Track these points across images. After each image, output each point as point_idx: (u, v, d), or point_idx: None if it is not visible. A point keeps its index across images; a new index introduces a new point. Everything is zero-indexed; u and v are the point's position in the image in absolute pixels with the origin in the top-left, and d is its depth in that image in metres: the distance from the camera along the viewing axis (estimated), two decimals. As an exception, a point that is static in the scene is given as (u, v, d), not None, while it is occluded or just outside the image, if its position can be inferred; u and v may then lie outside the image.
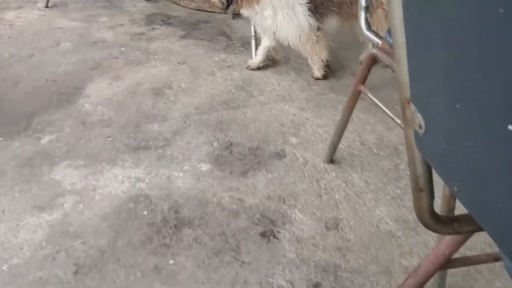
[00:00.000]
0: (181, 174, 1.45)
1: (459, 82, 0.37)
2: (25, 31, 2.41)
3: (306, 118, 1.75)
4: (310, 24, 1.84)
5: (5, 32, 2.40)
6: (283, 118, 1.75)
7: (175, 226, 1.25)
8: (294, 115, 1.77)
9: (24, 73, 2.02)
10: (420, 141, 0.49)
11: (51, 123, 1.69)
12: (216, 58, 2.18)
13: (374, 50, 1.12)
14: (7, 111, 1.76)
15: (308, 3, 1.81)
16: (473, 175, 0.41)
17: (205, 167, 1.48)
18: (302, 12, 1.82)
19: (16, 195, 1.35)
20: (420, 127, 0.47)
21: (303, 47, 1.91)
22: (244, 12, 1.89)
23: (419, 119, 0.47)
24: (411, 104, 0.48)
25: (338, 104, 1.83)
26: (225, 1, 1.86)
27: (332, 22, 1.90)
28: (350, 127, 1.61)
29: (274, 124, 1.71)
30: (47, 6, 2.73)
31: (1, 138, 1.60)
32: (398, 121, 1.16)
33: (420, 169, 0.51)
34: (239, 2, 1.84)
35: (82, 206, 1.32)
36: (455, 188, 0.45)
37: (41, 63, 2.09)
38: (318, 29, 1.89)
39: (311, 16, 1.83)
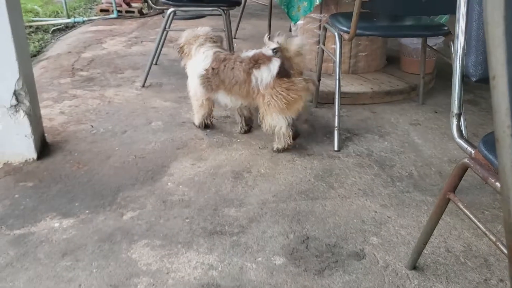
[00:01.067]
0: (254, 266, 1.41)
1: None
2: (121, 108, 2.60)
3: (388, 217, 1.66)
4: (201, 92, 2.23)
5: (103, 108, 2.60)
6: (364, 215, 1.68)
7: (244, 323, 1.20)
8: (375, 212, 1.70)
9: (116, 148, 2.14)
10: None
11: (135, 199, 1.75)
12: (297, 146, 2.19)
13: (466, 160, 1.06)
14: (96, 184, 1.85)
15: (202, 76, 2.17)
16: None
17: (279, 260, 1.44)
18: (197, 83, 2.22)
19: (94, 270, 1.38)
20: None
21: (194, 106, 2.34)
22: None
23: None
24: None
25: (423, 204, 1.74)
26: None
27: (221, 94, 2.17)
28: (435, 230, 1.51)
29: (354, 220, 1.64)
30: (143, 86, 2.95)
31: (87, 211, 1.68)
32: (486, 231, 1.06)
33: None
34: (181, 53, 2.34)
35: (154, 289, 1.31)
36: None
37: (132, 140, 2.22)
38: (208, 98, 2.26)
39: (202, 86, 2.20)
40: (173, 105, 2.67)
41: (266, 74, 1.97)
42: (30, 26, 4.77)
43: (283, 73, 1.96)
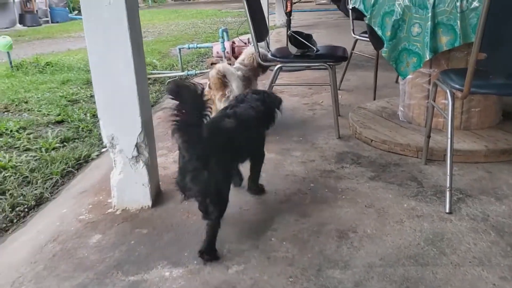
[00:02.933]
0: (360, 335, 1.35)
1: None
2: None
3: (510, 293, 1.51)
4: None
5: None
6: (481, 287, 1.54)
7: None
8: (494, 285, 1.55)
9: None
10: None
11: (240, 252, 1.79)
12: (405, 205, 2.10)
13: None
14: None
15: None
16: None
17: (387, 332, 1.36)
18: None
19: (200, 324, 1.42)
20: None
21: None
22: None
23: None
24: None
25: (552, 281, 1.56)
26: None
27: None
28: None
29: (470, 293, 1.52)
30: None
31: (195, 261, 1.74)
32: None
33: None
34: None
35: None
36: None
37: (238, 191, 2.28)
38: None
39: None
40: (277, 157, 2.72)
41: None
42: (149, 78, 5.22)
43: None
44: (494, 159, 2.50)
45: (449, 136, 2.07)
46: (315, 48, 2.97)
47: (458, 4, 2.30)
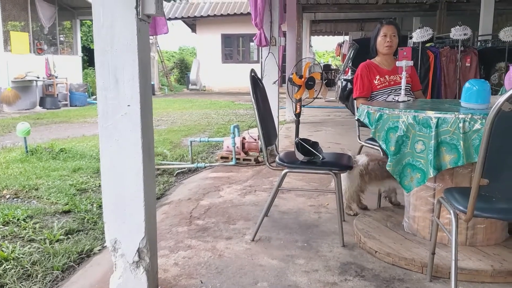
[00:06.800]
0: None
1: None
2: (230, 264, 2.68)
3: None
4: None
5: (214, 262, 2.70)
6: None
7: None
8: None
9: (222, 310, 2.17)
10: None
11: None
12: (409, 328, 2.03)
13: None
14: None
15: None
16: None
17: None
18: None
19: None
20: None
21: None
22: None
23: None
24: None
25: None
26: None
27: None
28: None
29: None
30: (253, 240, 3.04)
31: None
32: None
33: None
34: None
35: None
36: None
37: (238, 302, 2.24)
38: None
39: None
40: (280, 264, 2.69)
41: None
42: (158, 169, 5.32)
43: None
44: (501, 280, 2.45)
45: (453, 257, 2.05)
46: (321, 156, 3.05)
47: (460, 125, 2.39)
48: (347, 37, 22.21)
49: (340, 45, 18.03)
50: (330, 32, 25.33)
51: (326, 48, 39.32)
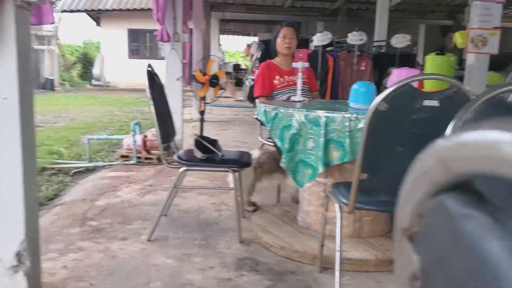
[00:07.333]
0: None
1: None
2: (124, 264, 2.60)
3: None
4: None
5: (106, 264, 2.60)
6: None
7: None
8: None
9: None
10: None
11: None
12: (296, 319, 2.11)
13: None
14: None
15: None
16: None
17: None
18: None
19: None
20: None
21: None
22: None
23: None
24: None
25: None
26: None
27: None
28: None
29: None
30: (149, 240, 2.98)
31: None
32: None
33: None
34: None
35: None
36: None
37: (128, 303, 2.18)
38: None
39: None
40: (175, 263, 2.66)
41: None
42: (53, 168, 5.01)
43: None
44: (384, 269, 2.63)
45: (338, 248, 2.17)
46: (220, 153, 3.06)
47: (346, 124, 2.52)
48: (256, 38, 22.59)
49: (249, 46, 18.27)
50: (240, 32, 25.58)
51: (237, 48, 39.69)
